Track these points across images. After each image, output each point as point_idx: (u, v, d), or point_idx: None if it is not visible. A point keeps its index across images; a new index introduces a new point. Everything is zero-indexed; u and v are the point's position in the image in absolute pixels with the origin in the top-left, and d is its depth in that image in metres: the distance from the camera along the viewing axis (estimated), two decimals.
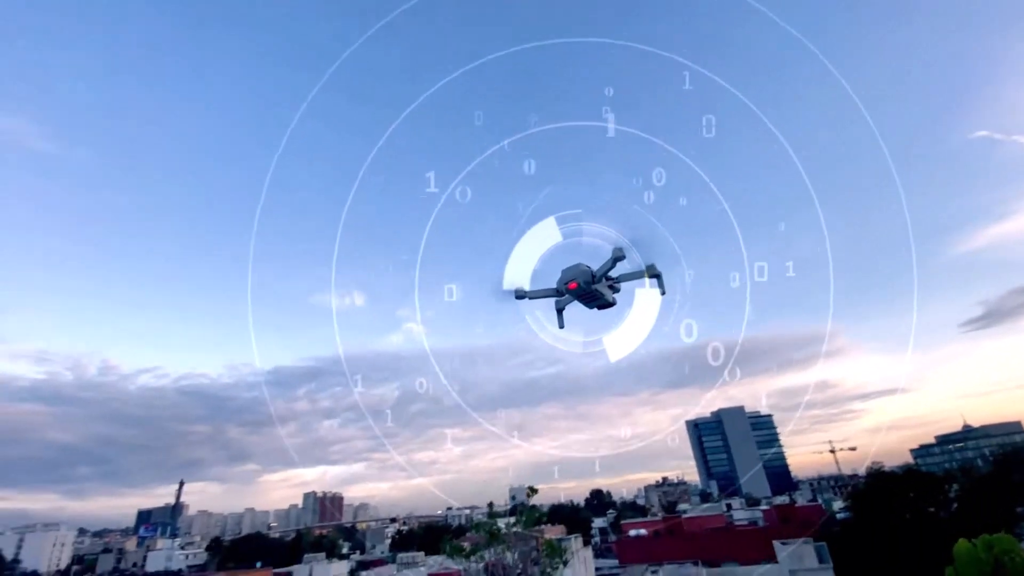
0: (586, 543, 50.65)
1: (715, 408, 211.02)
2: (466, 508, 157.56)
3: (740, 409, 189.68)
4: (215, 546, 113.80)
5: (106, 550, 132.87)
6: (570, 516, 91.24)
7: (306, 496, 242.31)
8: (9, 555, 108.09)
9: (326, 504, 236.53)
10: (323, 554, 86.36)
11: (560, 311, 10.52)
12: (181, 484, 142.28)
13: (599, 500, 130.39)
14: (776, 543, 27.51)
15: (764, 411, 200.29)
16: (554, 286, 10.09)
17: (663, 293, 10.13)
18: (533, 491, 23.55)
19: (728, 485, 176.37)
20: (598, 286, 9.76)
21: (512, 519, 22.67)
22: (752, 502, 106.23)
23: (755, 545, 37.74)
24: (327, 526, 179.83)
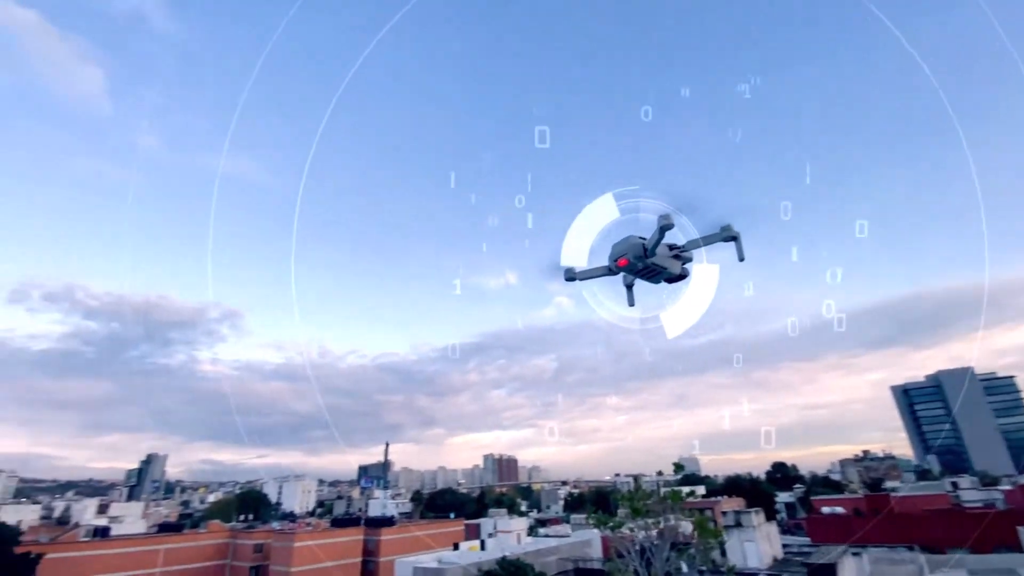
0: (769, 518, 47.47)
1: (931, 371, 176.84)
2: (633, 475, 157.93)
3: (967, 371, 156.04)
4: (417, 498, 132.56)
5: (339, 497, 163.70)
6: (750, 489, 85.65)
7: (485, 457, 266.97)
8: (272, 499, 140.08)
9: (503, 465, 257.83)
10: (504, 510, 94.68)
11: (629, 287, 9.42)
12: (387, 445, 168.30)
13: (783, 473, 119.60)
14: (1022, 529, 22.56)
15: (1001, 372, 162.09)
16: (607, 264, 9.07)
17: (741, 259, 8.44)
18: (679, 468, 22.73)
19: (954, 461, 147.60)
20: (657, 260, 8.54)
21: (662, 493, 22.10)
22: (988, 482, 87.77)
23: (992, 531, 31.50)
24: (505, 485, 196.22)
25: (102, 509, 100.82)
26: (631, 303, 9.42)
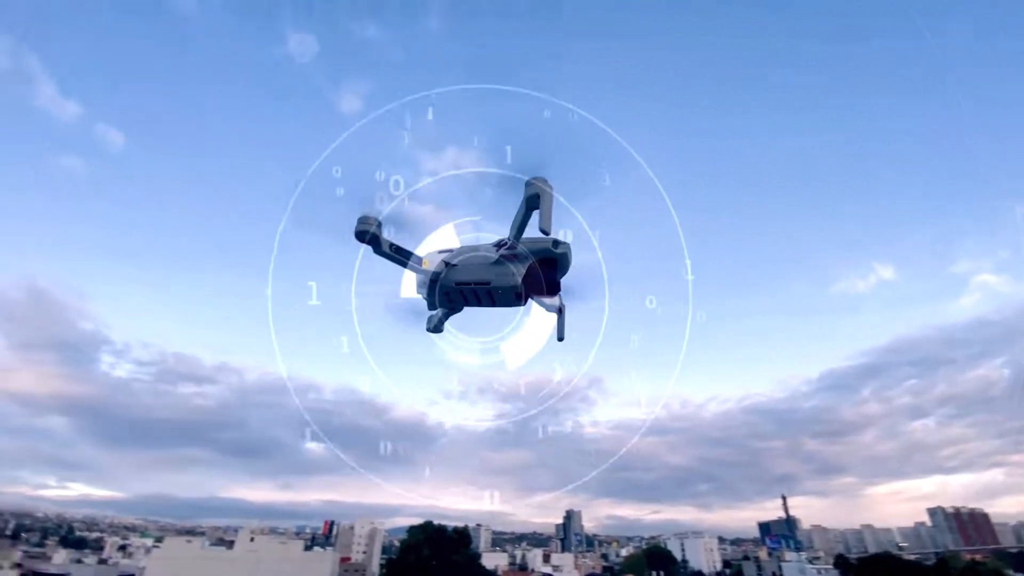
0: None
1: None
2: None
3: None
4: (842, 563, 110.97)
5: (745, 557, 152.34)
6: None
7: (932, 512, 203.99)
8: (676, 555, 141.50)
9: (963, 521, 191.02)
10: None
11: (559, 311, 6.62)
12: (784, 498, 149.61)
13: None
14: None
15: None
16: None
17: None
18: None
19: None
20: (454, 282, 5.97)
21: None
22: None
23: None
24: (979, 551, 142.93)
25: (546, 558, 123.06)
26: (560, 337, 6.92)
